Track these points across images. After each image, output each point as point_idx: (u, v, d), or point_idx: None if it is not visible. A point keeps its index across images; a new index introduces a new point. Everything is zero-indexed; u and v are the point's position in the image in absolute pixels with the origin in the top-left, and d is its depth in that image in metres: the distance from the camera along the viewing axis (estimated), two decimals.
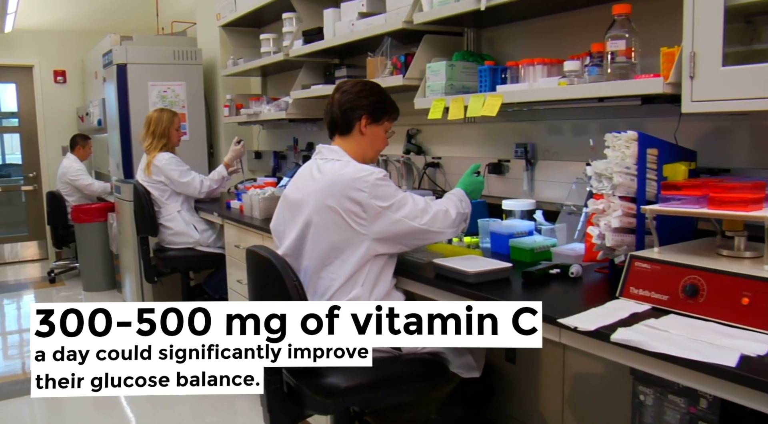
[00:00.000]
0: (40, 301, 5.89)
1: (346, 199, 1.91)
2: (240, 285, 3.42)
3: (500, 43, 2.79)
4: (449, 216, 1.99)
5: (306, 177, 2.08)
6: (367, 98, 2.08)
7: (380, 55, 2.93)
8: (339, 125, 2.09)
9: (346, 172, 1.95)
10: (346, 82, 2.15)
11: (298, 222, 2.04)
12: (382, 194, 1.90)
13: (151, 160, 3.89)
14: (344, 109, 2.06)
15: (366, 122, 2.07)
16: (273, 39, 4.08)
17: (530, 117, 2.66)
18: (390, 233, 1.92)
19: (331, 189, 1.94)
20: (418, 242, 2.01)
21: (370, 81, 2.17)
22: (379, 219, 1.90)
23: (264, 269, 1.91)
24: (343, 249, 1.93)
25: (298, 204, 2.06)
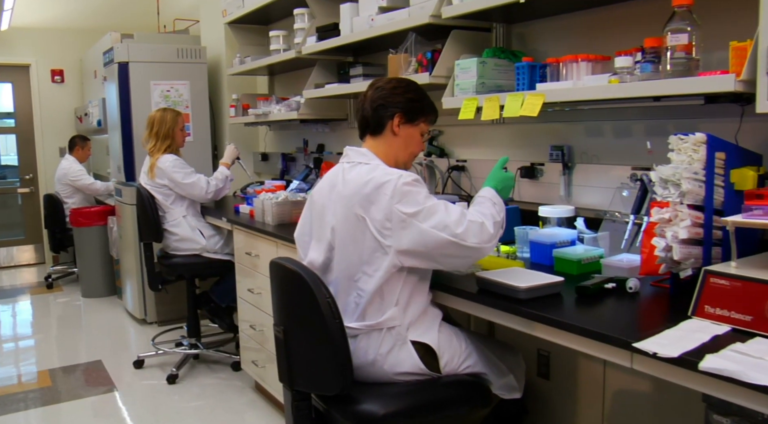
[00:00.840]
0: (38, 307, 5.70)
1: (372, 205, 1.74)
2: (251, 294, 3.25)
3: (533, 40, 2.63)
4: (486, 230, 1.71)
5: (332, 183, 1.91)
6: (402, 95, 1.90)
7: (403, 51, 2.76)
8: (370, 124, 1.91)
9: (372, 177, 1.77)
10: (380, 79, 1.97)
11: (324, 232, 1.88)
12: (408, 199, 1.71)
13: (155, 163, 3.71)
14: (376, 106, 1.89)
15: (399, 121, 1.90)
16: (283, 36, 3.91)
17: (566, 117, 2.50)
18: (417, 246, 1.70)
19: (356, 196, 1.77)
20: (454, 260, 1.75)
21: (407, 79, 1.99)
22: (404, 229, 1.70)
23: (292, 284, 1.74)
24: (370, 263, 1.75)
25: (324, 212, 1.90)
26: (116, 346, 4.46)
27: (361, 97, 1.95)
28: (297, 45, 3.62)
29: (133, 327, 4.81)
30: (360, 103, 1.94)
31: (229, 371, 3.85)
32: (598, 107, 2.26)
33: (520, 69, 2.25)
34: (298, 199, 3.17)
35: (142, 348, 4.25)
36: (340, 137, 3.98)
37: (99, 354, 4.23)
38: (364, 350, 1.77)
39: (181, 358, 3.86)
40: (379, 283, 1.74)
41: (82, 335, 4.80)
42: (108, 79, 4.96)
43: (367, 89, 1.95)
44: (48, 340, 4.72)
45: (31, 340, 4.80)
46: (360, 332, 1.77)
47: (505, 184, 1.95)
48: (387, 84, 1.92)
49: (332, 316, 1.63)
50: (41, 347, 4.57)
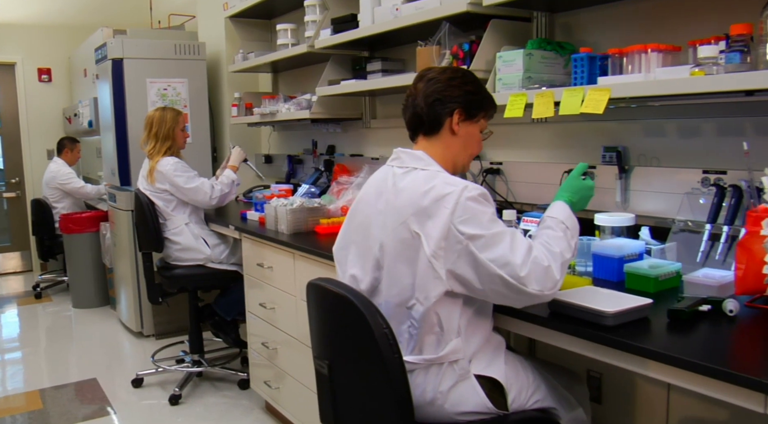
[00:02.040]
0: (25, 318, 5.38)
1: (429, 220, 1.47)
2: (263, 309, 2.98)
3: (579, 30, 2.39)
4: (551, 276, 1.43)
5: (379, 190, 1.65)
6: (460, 88, 1.63)
7: (435, 43, 2.51)
8: (424, 123, 1.65)
9: (431, 187, 1.51)
10: (431, 69, 1.70)
11: (370, 247, 1.62)
12: (470, 219, 1.44)
13: (154, 166, 3.43)
14: (431, 101, 1.62)
15: (459, 118, 1.64)
16: (291, 30, 3.65)
17: (619, 115, 2.26)
18: (468, 276, 1.45)
19: (411, 208, 1.51)
20: (507, 300, 1.48)
21: (460, 67, 1.73)
22: (458, 252, 1.44)
23: (339, 311, 1.48)
24: (424, 288, 1.49)
25: (369, 224, 1.64)
26: (111, 362, 4.17)
27: (410, 90, 1.68)
28: (308, 39, 3.36)
29: (129, 341, 4.52)
30: (410, 98, 1.67)
31: (235, 389, 3.57)
32: (669, 103, 2.02)
33: (578, 61, 2.01)
34: (315, 206, 2.91)
35: (139, 364, 3.97)
36: (353, 138, 3.72)
37: (93, 371, 3.94)
38: (421, 387, 1.51)
39: (184, 376, 3.59)
40: (436, 312, 1.48)
41: (74, 349, 4.50)
42: (100, 77, 4.67)
43: (416, 81, 1.68)
44: (37, 355, 4.41)
45: (19, 354, 4.48)
46: (417, 367, 1.51)
47: (582, 195, 1.68)
48: (441, 74, 1.65)
49: (390, 349, 1.38)
50: (30, 363, 4.27)
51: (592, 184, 1.72)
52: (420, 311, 1.49)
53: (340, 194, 3.19)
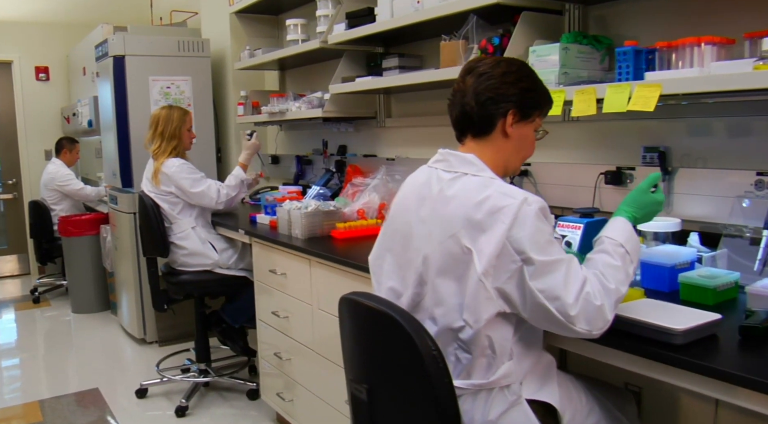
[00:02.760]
0: (23, 323, 5.23)
1: (482, 235, 1.32)
2: (276, 318, 2.83)
3: (616, 23, 2.25)
4: (602, 315, 1.29)
5: (421, 195, 1.49)
6: (515, 85, 1.46)
7: (461, 37, 2.37)
8: (474, 123, 1.48)
9: (486, 197, 1.35)
10: (481, 61, 1.51)
11: (411, 259, 1.47)
12: (528, 236, 1.30)
13: (159, 167, 3.28)
14: (484, 100, 1.45)
15: (513, 120, 1.47)
16: (302, 25, 3.50)
17: (661, 114, 2.10)
18: (515, 298, 1.32)
19: (462, 219, 1.36)
20: (551, 330, 1.35)
21: (514, 58, 1.57)
22: (509, 271, 1.31)
23: (381, 330, 1.34)
24: (474, 309, 1.34)
25: (410, 233, 1.49)
26: (114, 370, 4.02)
27: (458, 85, 1.51)
28: (320, 34, 3.21)
29: (131, 348, 4.37)
30: (458, 94, 1.50)
31: (244, 399, 3.43)
32: (722, 100, 1.88)
33: (622, 55, 1.86)
34: (330, 209, 2.76)
35: (142, 373, 3.82)
36: (366, 138, 3.58)
37: (95, 380, 3.79)
38: (468, 414, 1.37)
39: (191, 387, 3.43)
40: (488, 334, 1.34)
41: (74, 356, 4.35)
42: (101, 75, 4.51)
43: (464, 75, 1.50)
44: (35, 363, 4.26)
45: (17, 361, 4.33)
46: (464, 393, 1.37)
47: (648, 210, 1.51)
48: (494, 68, 1.47)
49: (440, 373, 1.24)
50: (28, 371, 4.11)
51: (663, 198, 1.53)
52: (469, 333, 1.35)
53: (354, 197, 3.04)
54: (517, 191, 1.36)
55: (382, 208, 2.91)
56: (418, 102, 3.19)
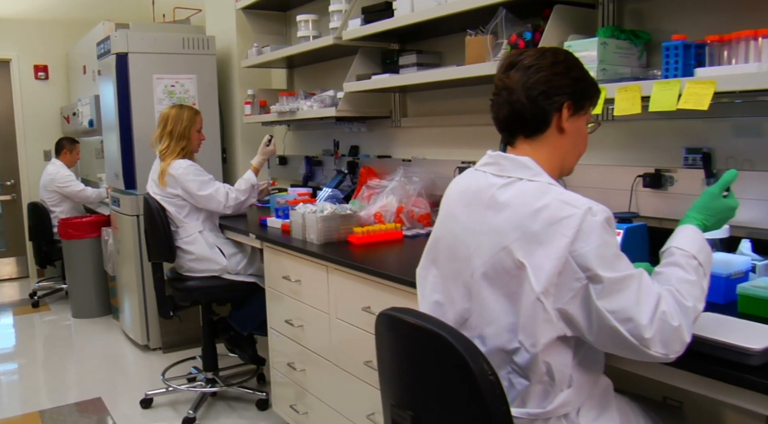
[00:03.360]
0: (21, 328, 5.09)
1: (540, 248, 1.19)
2: (290, 327, 2.70)
3: (654, 18, 2.13)
4: (680, 337, 1.16)
5: (470, 202, 1.35)
6: (567, 75, 1.33)
7: (489, 32, 2.24)
8: (527, 121, 1.35)
9: (544, 205, 1.22)
10: (523, 54, 1.37)
11: (458, 272, 1.34)
12: (595, 251, 1.17)
13: (166, 169, 3.15)
14: (536, 95, 1.31)
15: (568, 114, 1.34)
16: (313, 21, 3.37)
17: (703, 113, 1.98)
18: (580, 321, 1.19)
19: (516, 230, 1.23)
20: (621, 354, 1.22)
21: (556, 47, 1.44)
22: (572, 292, 1.18)
23: (428, 351, 1.21)
24: (530, 330, 1.21)
25: (456, 242, 1.35)
26: (117, 378, 3.88)
27: (501, 82, 1.37)
28: (333, 30, 3.09)
29: (134, 354, 4.23)
30: (503, 91, 1.36)
31: (253, 409, 3.30)
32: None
33: (670, 50, 1.74)
34: (347, 213, 2.64)
35: (146, 381, 3.69)
36: (380, 138, 3.45)
37: (97, 389, 3.66)
38: None
39: (198, 397, 3.30)
40: (545, 360, 1.21)
41: (75, 364, 4.21)
42: (103, 74, 4.38)
43: (506, 70, 1.36)
44: (35, 370, 4.12)
45: (16, 368, 4.20)
46: (519, 423, 1.24)
47: (720, 217, 1.37)
48: (540, 60, 1.34)
49: (497, 401, 1.11)
50: (27, 379, 3.97)
51: (737, 203, 1.39)
52: (525, 358, 1.22)
53: (370, 199, 2.92)
54: (580, 199, 1.22)
55: (399, 211, 2.78)
56: (436, 101, 3.07)
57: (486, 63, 2.22)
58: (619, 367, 1.39)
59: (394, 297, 2.05)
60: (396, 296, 2.05)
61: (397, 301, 2.04)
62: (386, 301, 2.10)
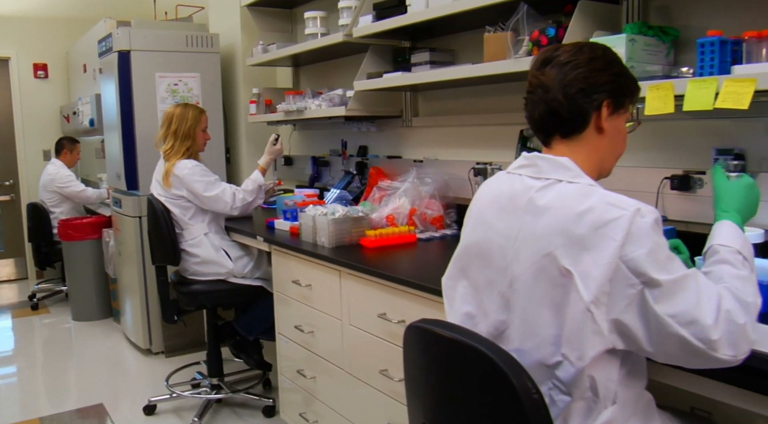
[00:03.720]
0: (20, 331, 5.00)
1: (586, 254, 1.12)
2: (299, 333, 2.62)
3: (681, 14, 2.05)
4: (745, 336, 1.09)
5: (505, 207, 1.27)
6: (606, 71, 1.26)
7: (509, 29, 2.16)
8: (564, 121, 1.27)
9: (589, 208, 1.14)
10: (558, 49, 1.30)
11: (492, 282, 1.26)
12: (648, 255, 1.09)
13: (171, 169, 3.07)
14: (574, 92, 1.24)
15: (608, 112, 1.27)
16: (321, 18, 3.29)
17: (734, 112, 1.91)
18: (638, 332, 1.11)
19: (559, 235, 1.15)
20: (684, 362, 1.13)
21: (593, 42, 1.37)
22: (627, 300, 1.10)
23: (464, 367, 1.13)
24: (576, 343, 1.13)
25: (490, 251, 1.27)
26: (118, 384, 3.79)
27: (536, 80, 1.29)
28: (343, 27, 3.01)
29: (136, 359, 4.15)
30: (538, 89, 1.28)
31: (259, 416, 3.22)
32: None
33: (706, 46, 1.66)
34: (360, 216, 2.55)
35: (149, 387, 3.61)
36: (389, 138, 3.36)
37: (98, 394, 3.57)
38: None
39: (203, 403, 3.22)
40: (591, 374, 1.13)
41: (75, 368, 4.12)
42: (104, 72, 4.29)
43: (541, 67, 1.29)
44: (34, 375, 4.03)
45: (14, 373, 4.11)
46: None
47: (746, 200, 1.34)
48: (577, 55, 1.26)
49: (542, 421, 1.03)
50: (26, 384, 3.88)
51: (751, 179, 1.36)
52: (570, 372, 1.14)
53: (381, 201, 2.83)
54: (627, 200, 1.15)
55: (412, 213, 2.70)
56: (449, 100, 2.98)
57: (506, 60, 2.14)
58: (683, 388, 1.31)
59: (413, 304, 1.97)
60: (414, 303, 1.96)
61: (417, 308, 1.96)
62: (404, 308, 2.01)
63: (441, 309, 1.85)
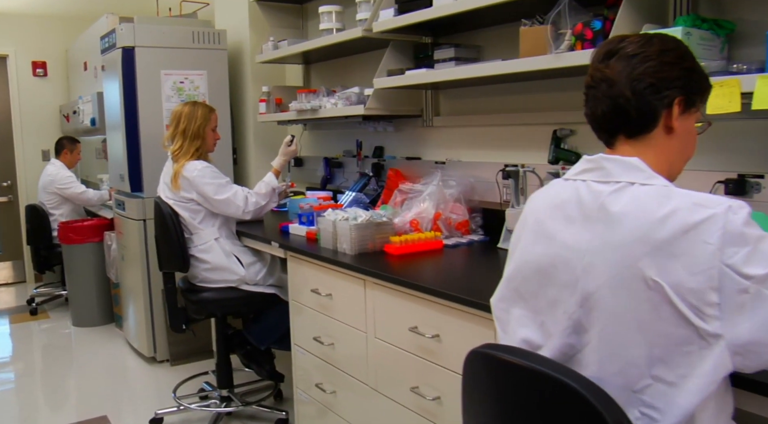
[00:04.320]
0: (18, 337, 4.84)
1: (674, 261, 0.99)
2: (318, 345, 2.47)
3: (734, 6, 1.91)
4: None
5: (571, 216, 1.14)
6: (678, 65, 1.14)
7: (549, 22, 2.01)
8: (632, 119, 1.14)
9: (670, 211, 1.01)
10: (624, 40, 1.17)
11: (557, 302, 1.12)
12: (753, 253, 0.97)
13: (179, 171, 2.92)
14: (642, 88, 1.12)
15: (679, 110, 1.14)
16: (336, 12, 3.14)
17: None
18: (759, 340, 0.98)
19: (641, 244, 1.02)
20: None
21: (662, 33, 1.23)
22: (745, 306, 0.97)
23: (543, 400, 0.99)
24: (672, 362, 1.00)
25: (554, 268, 1.13)
26: (122, 394, 3.64)
27: (599, 73, 1.16)
28: (361, 22, 2.86)
29: (140, 367, 3.99)
30: (602, 83, 1.16)
31: None
32: None
33: None
34: (384, 221, 2.41)
35: (154, 397, 3.46)
36: (408, 138, 3.22)
37: (102, 406, 3.42)
38: None
39: (213, 417, 3.07)
40: (694, 396, 0.99)
41: (77, 377, 3.96)
42: (107, 69, 4.14)
43: (604, 58, 1.16)
44: (33, 383, 3.87)
45: (12, 380, 3.95)
46: None
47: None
48: (646, 47, 1.14)
49: None
50: (26, 395, 3.73)
51: None
52: (661, 395, 1.00)
53: (402, 205, 2.69)
54: (713, 198, 1.03)
55: (437, 218, 2.56)
56: (474, 98, 2.84)
57: (546, 56, 2.00)
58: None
59: (448, 317, 1.83)
60: (450, 316, 1.82)
61: (453, 323, 1.81)
62: (438, 322, 1.87)
63: (481, 323, 1.72)
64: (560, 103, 2.42)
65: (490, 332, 1.70)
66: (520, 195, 2.38)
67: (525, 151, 2.58)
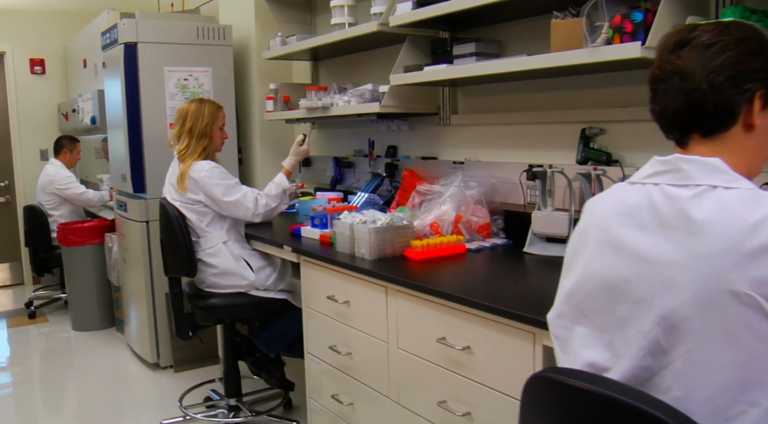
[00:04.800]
0: (16, 341, 4.71)
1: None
2: (335, 354, 2.35)
3: None
4: None
5: (645, 225, 1.03)
6: (760, 55, 1.03)
7: (584, 14, 1.90)
8: (709, 115, 1.04)
9: (763, 217, 0.91)
10: (696, 29, 1.07)
11: (627, 320, 1.01)
12: None
13: (186, 171, 2.80)
14: (721, 81, 1.01)
15: (760, 105, 1.04)
16: (349, 6, 3.02)
17: None
18: None
19: (730, 254, 0.91)
20: None
21: (739, 21, 1.12)
22: None
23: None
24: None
25: (626, 282, 1.02)
26: (125, 402, 3.51)
27: (669, 66, 1.06)
28: (376, 16, 2.74)
29: (143, 373, 3.86)
30: (674, 76, 1.05)
31: None
32: None
33: None
34: (404, 224, 2.29)
35: (158, 406, 3.34)
36: (423, 137, 3.10)
37: (104, 415, 3.30)
38: None
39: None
40: None
41: (77, 383, 3.83)
42: (108, 66, 4.01)
43: (676, 50, 1.06)
44: (32, 390, 3.75)
45: (10, 386, 3.82)
46: None
47: None
48: (723, 35, 1.03)
49: None
50: (24, 402, 3.60)
51: None
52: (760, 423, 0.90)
53: (420, 206, 2.57)
54: None
55: (458, 221, 2.44)
56: (493, 95, 2.72)
57: (581, 50, 1.88)
58: None
59: (480, 329, 1.71)
60: (483, 327, 1.70)
61: (487, 334, 1.70)
62: (469, 333, 1.75)
63: (518, 335, 1.60)
64: (589, 100, 2.30)
65: (527, 345, 1.58)
66: (547, 197, 2.27)
67: (549, 151, 2.46)
